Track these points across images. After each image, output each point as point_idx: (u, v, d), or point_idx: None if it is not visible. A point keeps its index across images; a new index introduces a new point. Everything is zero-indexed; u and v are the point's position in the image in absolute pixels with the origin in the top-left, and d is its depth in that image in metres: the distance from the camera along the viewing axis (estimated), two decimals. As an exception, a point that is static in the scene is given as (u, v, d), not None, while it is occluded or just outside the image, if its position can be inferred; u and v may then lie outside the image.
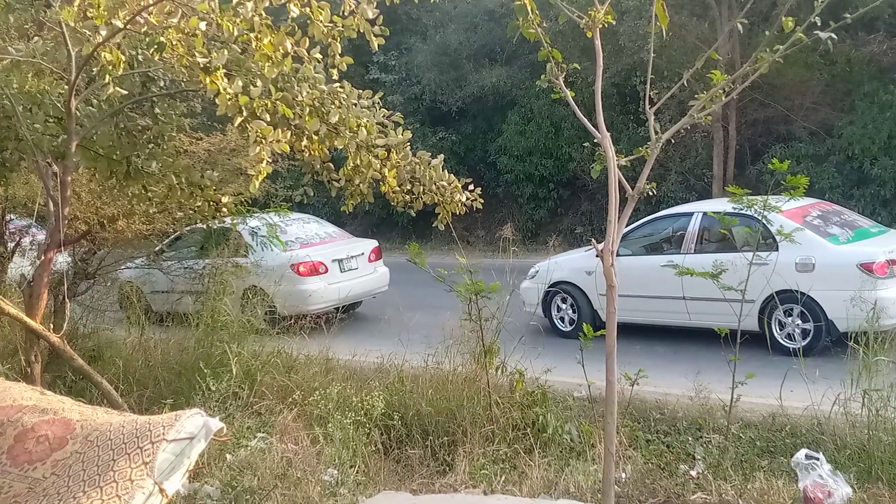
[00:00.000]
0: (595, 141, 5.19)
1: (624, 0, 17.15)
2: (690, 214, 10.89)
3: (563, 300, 11.46)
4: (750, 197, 7.19)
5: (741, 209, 8.47)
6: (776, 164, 6.57)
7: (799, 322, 9.58)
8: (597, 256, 11.80)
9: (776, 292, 9.37)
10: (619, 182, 5.01)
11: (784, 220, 9.31)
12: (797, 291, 8.70)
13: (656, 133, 5.16)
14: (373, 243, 14.06)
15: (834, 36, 4.66)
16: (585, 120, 5.12)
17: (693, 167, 20.40)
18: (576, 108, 5.13)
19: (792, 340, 9.51)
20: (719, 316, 8.73)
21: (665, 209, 12.60)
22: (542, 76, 5.29)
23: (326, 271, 12.12)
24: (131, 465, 1.50)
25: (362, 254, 13.28)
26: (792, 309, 9.54)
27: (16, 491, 1.57)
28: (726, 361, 6.55)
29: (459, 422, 6.62)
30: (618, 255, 11.78)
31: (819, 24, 4.70)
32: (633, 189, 5.08)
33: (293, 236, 12.45)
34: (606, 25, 5.13)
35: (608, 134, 5.08)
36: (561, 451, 6.38)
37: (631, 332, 7.53)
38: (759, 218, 7.76)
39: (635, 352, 8.45)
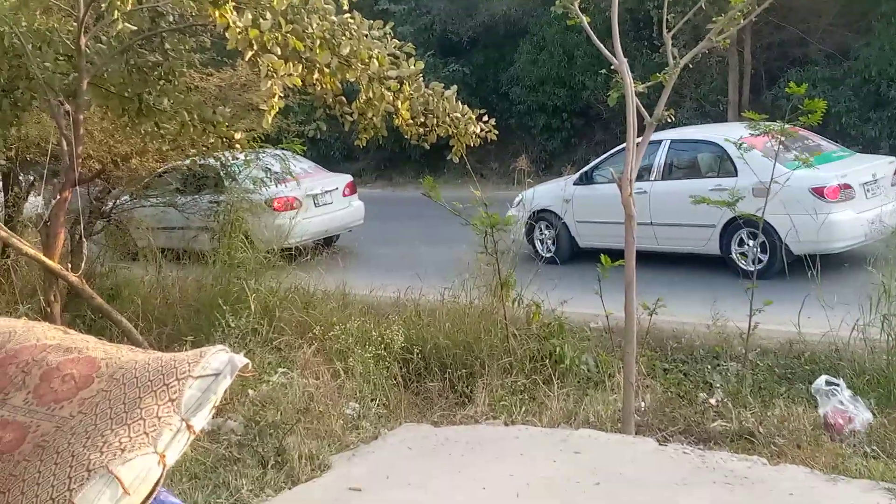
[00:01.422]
0: (612, 68, 5.12)
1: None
2: (659, 143, 10.93)
3: (546, 227, 11.79)
4: (766, 122, 7.10)
5: (704, 137, 8.58)
6: (793, 88, 6.46)
7: (756, 246, 9.62)
8: (574, 184, 11.79)
9: (735, 217, 9.21)
10: (637, 109, 4.95)
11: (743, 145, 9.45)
12: (754, 216, 8.36)
13: (674, 58, 5.08)
14: (347, 178, 14.29)
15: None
16: (602, 46, 5.05)
17: (708, 93, 20.11)
18: (591, 33, 5.06)
19: (751, 263, 9.45)
20: (684, 240, 9.77)
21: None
22: (557, 2, 5.21)
23: (301, 206, 12.15)
24: (158, 403, 1.49)
25: (336, 188, 13.44)
26: (751, 232, 9.71)
27: (44, 430, 1.56)
28: (743, 289, 6.53)
29: (477, 354, 6.64)
30: (595, 182, 11.88)
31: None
32: (650, 116, 5.03)
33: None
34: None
35: (625, 60, 5.00)
36: (579, 382, 6.41)
37: (646, 260, 7.50)
38: (719, 144, 8.00)
39: (650, 280, 8.45)
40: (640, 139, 5.35)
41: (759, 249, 9.51)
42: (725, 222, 9.87)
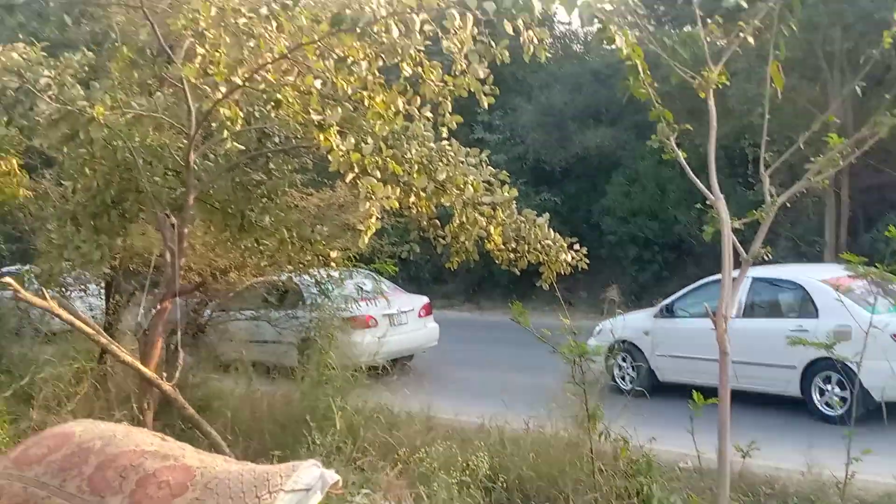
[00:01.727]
0: (707, 203, 5.11)
1: (733, 61, 16.93)
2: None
3: (624, 359, 11.58)
4: (866, 267, 6.92)
5: (786, 276, 9.43)
6: (892, 232, 6.30)
7: (837, 390, 9.60)
8: (655, 316, 11.57)
9: (816, 359, 9.43)
10: (733, 246, 4.91)
11: (825, 287, 9.83)
12: (834, 359, 8.22)
13: (771, 196, 5.05)
14: (423, 299, 14.50)
15: (957, 99, 4.52)
16: (698, 181, 5.05)
17: (804, 233, 19.84)
18: (687, 168, 5.07)
19: (831, 408, 9.55)
20: (764, 380, 9.47)
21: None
22: (653, 136, 5.26)
23: (376, 325, 12.21)
24: (249, 515, 1.50)
25: (412, 309, 13.63)
26: (830, 376, 9.63)
27: (135, 536, 1.57)
28: (841, 435, 6.26)
29: (561, 488, 6.48)
30: (676, 316, 11.61)
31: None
32: (746, 253, 4.97)
33: (349, 290, 12.71)
34: (719, 87, 5.08)
35: (721, 196, 4.99)
36: (669, 523, 6.18)
37: (742, 400, 7.28)
38: (801, 285, 7.95)
39: (741, 420, 8.17)
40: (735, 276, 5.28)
41: (841, 393, 9.43)
42: (807, 364, 9.74)
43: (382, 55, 5.46)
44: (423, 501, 6.17)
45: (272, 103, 5.75)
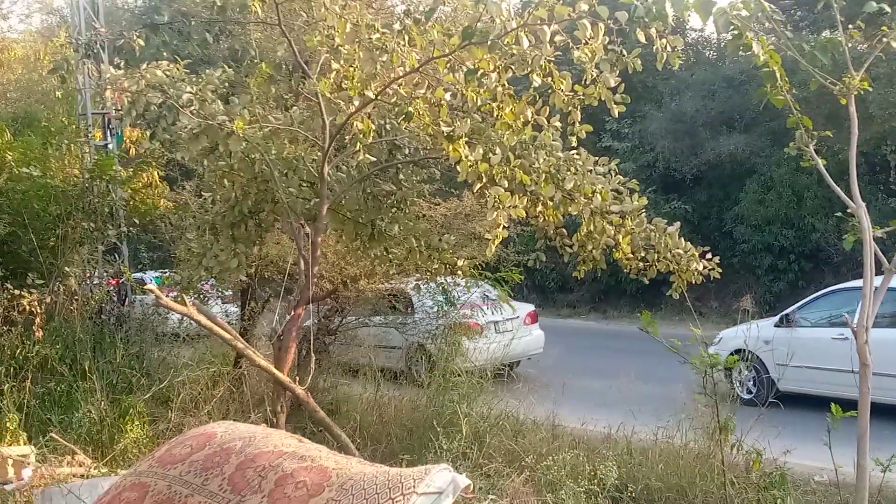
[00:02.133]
0: (847, 211, 4.97)
1: (874, 66, 16.33)
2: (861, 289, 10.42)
3: (746, 368, 11.44)
4: None
5: None
6: None
7: None
8: (775, 325, 11.19)
9: None
10: (875, 255, 4.76)
11: None
12: None
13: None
14: (529, 307, 14.57)
15: None
16: (838, 189, 4.91)
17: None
18: (827, 175, 4.94)
19: None
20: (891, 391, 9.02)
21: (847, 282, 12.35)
22: (790, 143, 5.15)
23: (482, 332, 12.33)
24: (383, 515, 1.56)
25: (517, 317, 13.61)
26: None
27: (274, 532, 1.66)
28: None
29: (691, 500, 6.37)
30: (795, 324, 11.30)
31: None
32: (889, 262, 4.81)
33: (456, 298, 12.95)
34: (861, 92, 4.94)
35: (863, 204, 4.84)
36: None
37: (882, 413, 6.99)
38: None
39: (886, 436, 7.85)
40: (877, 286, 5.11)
41: None
42: None
43: (512, 66, 5.50)
44: (550, 509, 6.17)
45: (403, 116, 5.86)
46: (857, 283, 11.46)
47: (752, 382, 11.42)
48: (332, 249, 8.42)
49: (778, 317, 11.84)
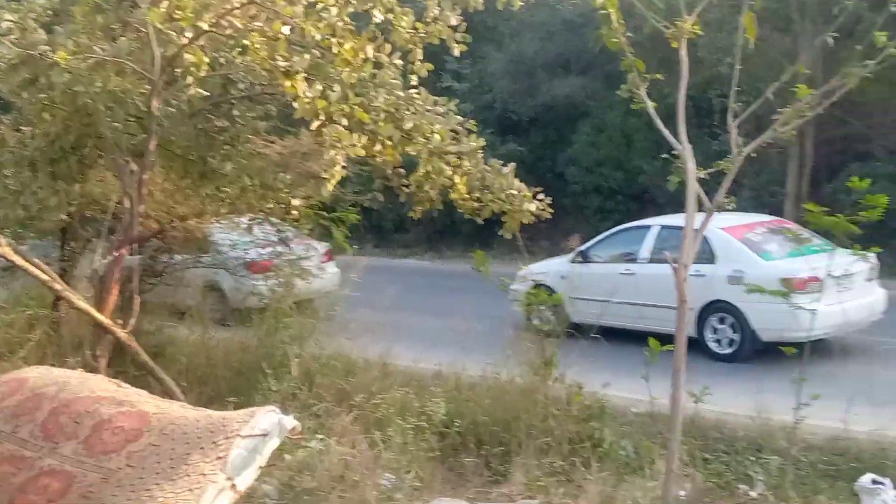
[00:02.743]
0: (673, 153, 5.15)
1: (706, 11, 16.90)
2: (648, 227, 12.06)
3: (721, 320, 11.49)
4: (827, 217, 7.02)
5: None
6: (855, 183, 6.38)
7: (729, 331, 10.77)
8: (571, 262, 12.00)
9: (711, 301, 10.75)
10: (698, 195, 4.97)
11: (724, 235, 10.87)
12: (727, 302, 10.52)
13: (738, 146, 5.10)
14: (325, 245, 14.40)
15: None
16: (666, 131, 5.08)
17: (767, 183, 20.09)
18: (656, 117, 5.10)
19: (721, 346, 10.80)
20: (666, 321, 9.53)
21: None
22: (623, 86, 5.28)
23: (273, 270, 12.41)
24: (205, 460, 1.54)
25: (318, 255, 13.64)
26: (724, 318, 10.77)
27: (90, 480, 1.61)
28: (790, 381, 6.40)
29: (515, 433, 6.59)
30: (590, 261, 12.12)
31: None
32: (710, 202, 5.03)
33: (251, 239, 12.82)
34: (694, 36, 5.11)
35: (689, 146, 5.03)
36: (617, 467, 6.32)
37: (692, 347, 7.44)
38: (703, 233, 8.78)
39: (698, 369, 8.35)
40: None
41: (732, 334, 10.76)
42: (702, 306, 10.66)
43: (353, 1, 5.42)
44: (377, 446, 6.26)
45: (238, 49, 5.70)
46: (646, 221, 12.64)
47: (551, 314, 11.91)
48: (159, 188, 8.11)
49: (573, 253, 12.48)
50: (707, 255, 10.73)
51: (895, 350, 7.84)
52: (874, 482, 5.16)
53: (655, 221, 12.23)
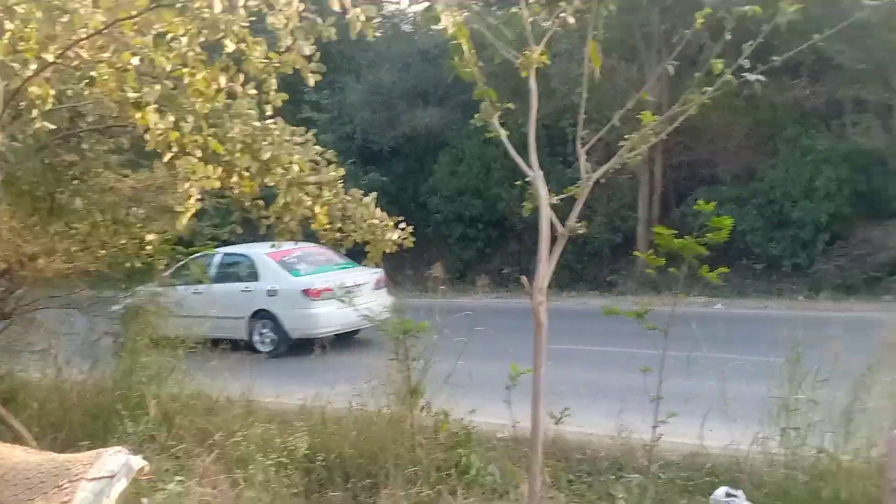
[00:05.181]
0: (527, 179, 5.25)
1: (556, 43, 17.41)
2: (214, 254, 14.06)
3: (264, 325, 14.45)
4: (676, 239, 7.29)
5: (240, 251, 14.55)
6: (701, 206, 6.67)
7: (270, 332, 14.27)
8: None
9: (256, 311, 14.29)
10: (550, 221, 5.07)
11: (266, 259, 14.29)
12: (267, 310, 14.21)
13: (587, 172, 5.24)
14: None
15: (762, 78, 4.82)
16: (519, 158, 5.18)
17: (619, 208, 20.80)
18: (509, 145, 5.18)
19: (265, 345, 14.16)
20: (230, 329, 12.63)
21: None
22: (476, 115, 5.36)
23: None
24: (49, 505, 1.48)
25: None
26: (266, 323, 14.27)
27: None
28: (649, 400, 6.59)
29: (382, 464, 6.56)
30: (173, 284, 13.07)
31: (747, 67, 4.86)
32: (563, 227, 5.14)
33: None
34: (542, 66, 5.23)
35: (541, 172, 5.14)
36: (484, 493, 6.36)
37: (556, 367, 7.56)
38: (249, 256, 14.43)
39: (559, 390, 8.54)
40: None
41: (273, 334, 14.20)
42: (251, 314, 14.24)
43: (204, 31, 5.32)
44: (239, 485, 6.12)
45: (86, 81, 5.52)
46: (207, 251, 13.26)
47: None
48: (6, 226, 7.75)
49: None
50: (253, 275, 14.59)
51: (744, 367, 8.16)
52: (728, 495, 5.36)
53: (220, 250, 14.01)
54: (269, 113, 6.13)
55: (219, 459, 6.53)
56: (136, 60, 5.40)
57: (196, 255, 13.09)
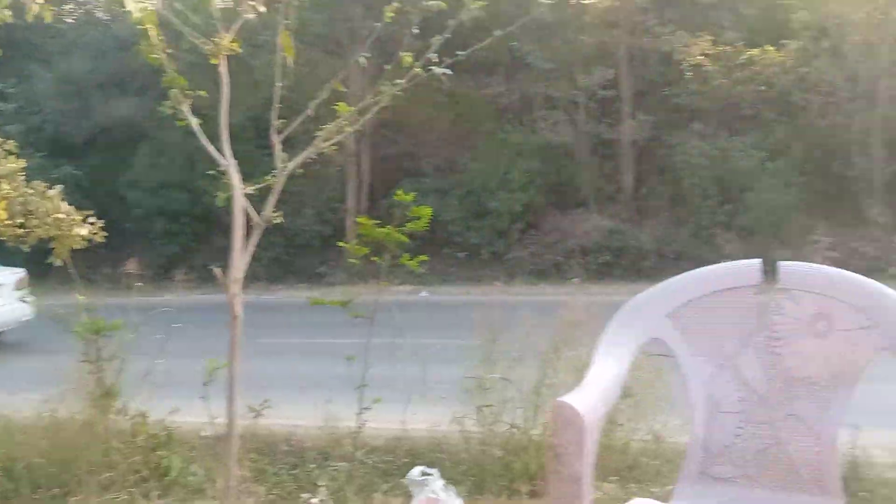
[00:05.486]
0: (221, 169, 5.14)
1: (259, 34, 17.26)
2: None
3: None
4: (378, 228, 7.42)
5: None
6: (400, 196, 6.81)
7: None
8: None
9: None
10: (246, 211, 5.00)
11: None
12: None
13: (283, 162, 5.21)
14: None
15: (448, 71, 4.99)
16: (211, 147, 5.05)
17: (328, 200, 20.98)
18: (201, 133, 5.05)
19: None
20: None
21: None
22: (165, 102, 5.18)
23: None
24: None
25: None
26: None
27: None
28: (354, 388, 6.66)
29: (75, 472, 6.19)
30: None
31: (435, 61, 5.02)
32: (259, 217, 5.08)
33: None
34: (232, 53, 5.13)
35: (234, 161, 5.05)
36: (185, 493, 6.18)
37: (263, 361, 7.46)
38: None
39: (265, 384, 8.44)
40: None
41: None
42: None
43: None
44: None
45: None
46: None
47: None
48: None
49: None
50: None
51: (445, 351, 8.46)
52: (423, 474, 5.52)
53: None
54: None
55: None
56: None
57: None
